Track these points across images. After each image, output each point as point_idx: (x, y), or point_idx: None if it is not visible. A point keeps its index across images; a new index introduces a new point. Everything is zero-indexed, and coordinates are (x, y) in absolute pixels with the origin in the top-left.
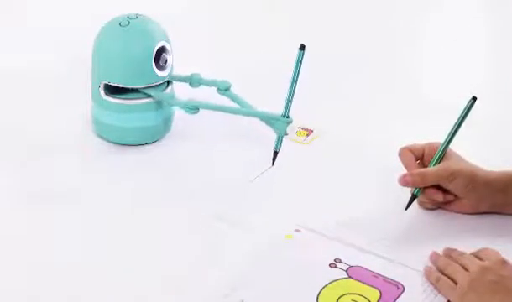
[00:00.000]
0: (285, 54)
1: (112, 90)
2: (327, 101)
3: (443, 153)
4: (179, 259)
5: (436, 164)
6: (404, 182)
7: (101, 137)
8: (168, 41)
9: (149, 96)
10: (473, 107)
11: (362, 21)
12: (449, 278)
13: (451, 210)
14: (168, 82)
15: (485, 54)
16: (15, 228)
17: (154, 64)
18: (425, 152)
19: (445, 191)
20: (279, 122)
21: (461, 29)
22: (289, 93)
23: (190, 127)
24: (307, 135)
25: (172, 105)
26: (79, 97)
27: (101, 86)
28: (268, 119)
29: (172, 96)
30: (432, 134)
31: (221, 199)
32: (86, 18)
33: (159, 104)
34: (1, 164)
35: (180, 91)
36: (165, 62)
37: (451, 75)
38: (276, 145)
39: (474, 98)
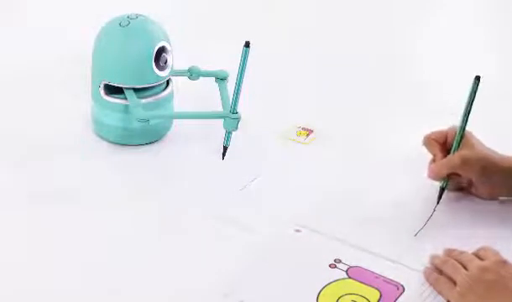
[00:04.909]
0: (287, 55)
1: (112, 90)
2: (327, 101)
3: (461, 138)
4: (179, 259)
5: (455, 150)
6: (429, 175)
7: (101, 137)
8: (168, 41)
9: (125, 98)
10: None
11: (362, 21)
12: (448, 278)
13: (474, 195)
14: (168, 82)
15: (486, 53)
16: (15, 228)
17: (154, 64)
18: (448, 137)
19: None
20: (228, 119)
21: (461, 28)
22: (236, 89)
23: (190, 127)
24: (307, 135)
25: (131, 113)
26: (79, 97)
27: (101, 86)
28: (218, 118)
29: (136, 106)
30: None
31: (221, 199)
32: (86, 18)
33: (158, 104)
34: (1, 164)
35: (180, 84)
36: (165, 62)
37: (452, 73)
38: (225, 141)
39: (478, 78)
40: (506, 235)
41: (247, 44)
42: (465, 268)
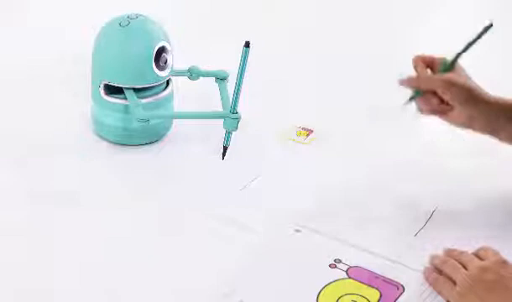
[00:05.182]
0: (287, 55)
1: (112, 90)
2: (327, 101)
3: (452, 64)
4: (178, 259)
5: (441, 73)
6: (400, 82)
7: (101, 137)
8: (168, 41)
9: (125, 98)
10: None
11: (362, 21)
12: (448, 278)
13: (446, 121)
14: (168, 82)
15: (486, 53)
16: (15, 228)
17: (154, 64)
18: (436, 62)
19: (442, 101)
20: (228, 119)
21: (461, 28)
22: (236, 89)
23: (190, 127)
24: (307, 135)
25: (131, 113)
26: (79, 97)
27: (101, 86)
28: (218, 118)
29: (136, 106)
30: (433, 134)
31: (221, 199)
32: (86, 18)
33: (158, 104)
34: (1, 164)
35: (180, 84)
36: (165, 62)
37: None
38: (225, 141)
39: (491, 24)
40: (506, 235)
41: (247, 44)
42: (465, 267)
